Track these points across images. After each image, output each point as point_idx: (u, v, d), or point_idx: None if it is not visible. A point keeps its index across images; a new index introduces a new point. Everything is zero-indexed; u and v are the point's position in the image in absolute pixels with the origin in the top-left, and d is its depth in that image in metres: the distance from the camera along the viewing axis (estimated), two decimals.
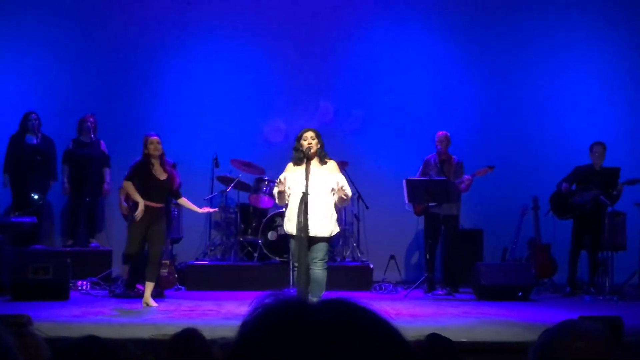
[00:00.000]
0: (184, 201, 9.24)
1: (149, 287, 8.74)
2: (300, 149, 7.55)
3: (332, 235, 7.72)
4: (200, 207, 9.38)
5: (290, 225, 7.57)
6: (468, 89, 12.14)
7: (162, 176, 8.86)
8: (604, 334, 1.82)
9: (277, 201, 7.95)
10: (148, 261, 8.86)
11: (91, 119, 10.93)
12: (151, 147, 8.86)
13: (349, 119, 12.01)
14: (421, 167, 10.50)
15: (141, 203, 8.69)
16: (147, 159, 8.88)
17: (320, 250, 7.52)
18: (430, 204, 10.03)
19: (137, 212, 8.71)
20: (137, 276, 9.35)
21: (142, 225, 8.75)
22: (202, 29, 12.01)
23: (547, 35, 12.12)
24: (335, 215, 7.70)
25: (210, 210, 9.70)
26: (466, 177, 10.20)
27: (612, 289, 10.07)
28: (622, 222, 10.63)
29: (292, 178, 7.56)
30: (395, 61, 12.08)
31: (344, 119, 11.99)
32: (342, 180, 7.55)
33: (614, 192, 10.18)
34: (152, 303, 8.65)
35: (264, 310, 1.19)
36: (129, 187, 8.86)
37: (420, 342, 4.11)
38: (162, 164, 8.96)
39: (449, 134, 10.48)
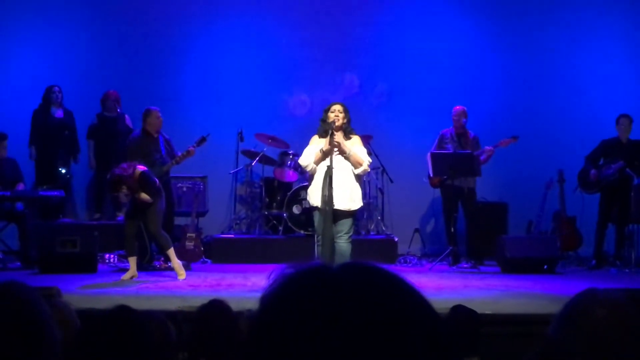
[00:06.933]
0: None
1: (171, 256, 8.79)
2: (327, 120, 7.56)
3: (356, 209, 7.72)
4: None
5: (314, 198, 7.58)
6: (493, 61, 12.06)
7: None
8: (626, 303, 1.83)
9: (307, 166, 7.63)
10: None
11: (115, 95, 10.96)
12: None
13: (373, 92, 11.98)
14: (436, 140, 10.47)
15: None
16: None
17: (344, 224, 7.52)
18: (448, 177, 10.00)
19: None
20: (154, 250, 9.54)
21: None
22: (225, 2, 11.99)
23: (573, 6, 12.00)
24: (359, 189, 7.71)
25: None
26: (488, 147, 10.15)
27: (638, 262, 10.03)
28: None
29: (317, 151, 7.57)
30: (421, 34, 12.01)
31: (369, 92, 11.96)
32: (358, 149, 7.56)
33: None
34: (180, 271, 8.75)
35: (284, 280, 1.15)
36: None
37: (445, 314, 4.14)
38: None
39: (465, 109, 10.42)
